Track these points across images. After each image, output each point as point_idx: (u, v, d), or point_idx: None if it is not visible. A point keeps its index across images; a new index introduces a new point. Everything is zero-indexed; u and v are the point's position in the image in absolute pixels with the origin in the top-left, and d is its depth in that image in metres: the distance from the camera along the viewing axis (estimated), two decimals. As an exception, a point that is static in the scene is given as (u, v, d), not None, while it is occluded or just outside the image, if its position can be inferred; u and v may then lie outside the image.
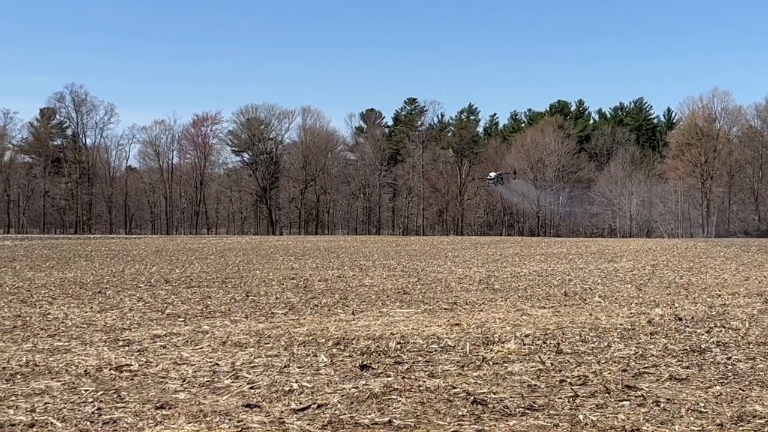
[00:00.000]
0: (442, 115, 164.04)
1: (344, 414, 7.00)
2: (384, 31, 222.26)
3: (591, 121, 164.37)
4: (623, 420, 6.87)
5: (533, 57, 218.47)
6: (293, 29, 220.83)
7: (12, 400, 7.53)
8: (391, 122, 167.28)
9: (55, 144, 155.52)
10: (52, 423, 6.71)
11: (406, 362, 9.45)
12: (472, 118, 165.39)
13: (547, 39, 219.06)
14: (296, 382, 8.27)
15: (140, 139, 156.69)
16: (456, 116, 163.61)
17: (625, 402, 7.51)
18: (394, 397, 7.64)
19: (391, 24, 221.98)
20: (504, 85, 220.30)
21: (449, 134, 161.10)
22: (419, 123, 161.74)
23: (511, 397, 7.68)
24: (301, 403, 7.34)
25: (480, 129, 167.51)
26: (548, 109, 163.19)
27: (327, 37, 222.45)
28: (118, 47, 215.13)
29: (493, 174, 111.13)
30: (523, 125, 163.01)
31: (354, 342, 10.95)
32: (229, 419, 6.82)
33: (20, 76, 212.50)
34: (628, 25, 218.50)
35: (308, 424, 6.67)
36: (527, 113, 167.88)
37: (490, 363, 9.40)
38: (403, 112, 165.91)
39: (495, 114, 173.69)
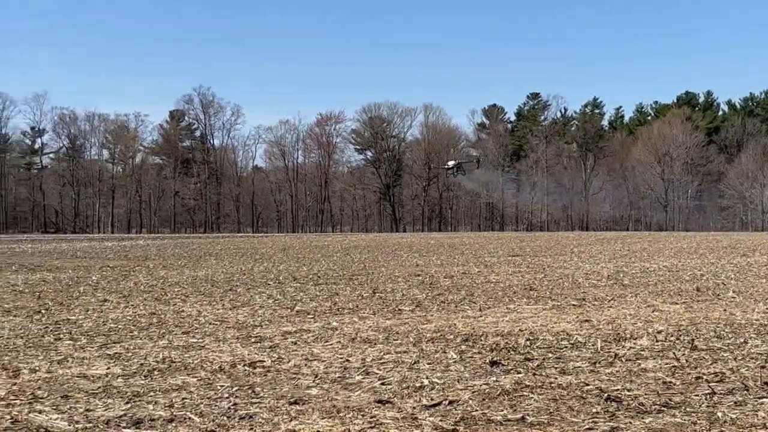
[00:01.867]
0: (566, 110, 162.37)
1: (476, 410, 6.98)
2: (506, 27, 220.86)
3: (720, 113, 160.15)
4: (763, 418, 6.68)
5: (659, 49, 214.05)
6: (413, 29, 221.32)
7: (151, 396, 7.73)
8: (513, 117, 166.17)
9: (185, 145, 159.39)
10: (190, 418, 6.86)
11: (536, 359, 9.37)
12: (596, 111, 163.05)
13: (673, 30, 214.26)
14: (427, 378, 8.28)
15: (266, 139, 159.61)
16: (580, 110, 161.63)
17: (764, 399, 7.30)
18: (526, 393, 7.58)
19: (514, 19, 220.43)
20: (630, 78, 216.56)
21: (573, 128, 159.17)
22: (542, 118, 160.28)
23: (645, 394, 7.53)
24: (432, 399, 7.35)
25: (605, 122, 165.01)
26: (675, 101, 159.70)
27: (448, 35, 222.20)
28: (243, 50, 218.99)
29: (451, 163, 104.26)
30: (649, 118, 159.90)
31: (482, 338, 10.91)
32: (362, 415, 6.87)
33: (151, 79, 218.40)
34: (758, 14, 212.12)
35: (440, 420, 6.67)
36: (654, 105, 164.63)
37: (623, 360, 9.25)
38: (525, 107, 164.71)
39: (620, 107, 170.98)
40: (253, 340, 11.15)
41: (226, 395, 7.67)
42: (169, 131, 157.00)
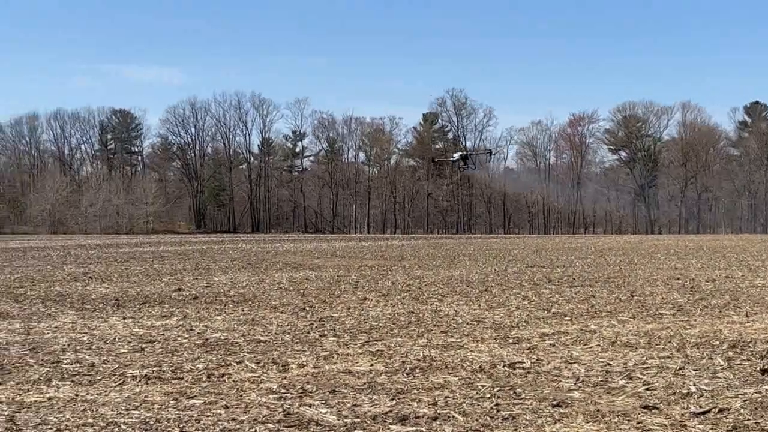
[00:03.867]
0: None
1: (749, 419, 6.69)
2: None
3: None
4: None
5: None
6: (670, 20, 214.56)
7: (414, 393, 7.87)
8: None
9: (437, 147, 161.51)
10: (453, 417, 6.94)
11: (812, 368, 8.88)
12: None
13: None
14: (694, 384, 8.02)
15: (518, 140, 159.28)
16: None
17: None
18: (803, 404, 7.20)
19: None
20: None
21: None
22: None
23: None
24: (701, 407, 7.11)
25: None
26: None
27: (705, 29, 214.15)
28: (496, 49, 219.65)
29: (456, 155, 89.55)
30: None
31: (751, 345, 10.46)
32: (628, 420, 6.73)
33: (404, 82, 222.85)
34: None
35: (711, 429, 6.44)
36: None
37: None
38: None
39: None
40: (510, 340, 11.16)
41: (488, 395, 7.71)
42: (423, 133, 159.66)
